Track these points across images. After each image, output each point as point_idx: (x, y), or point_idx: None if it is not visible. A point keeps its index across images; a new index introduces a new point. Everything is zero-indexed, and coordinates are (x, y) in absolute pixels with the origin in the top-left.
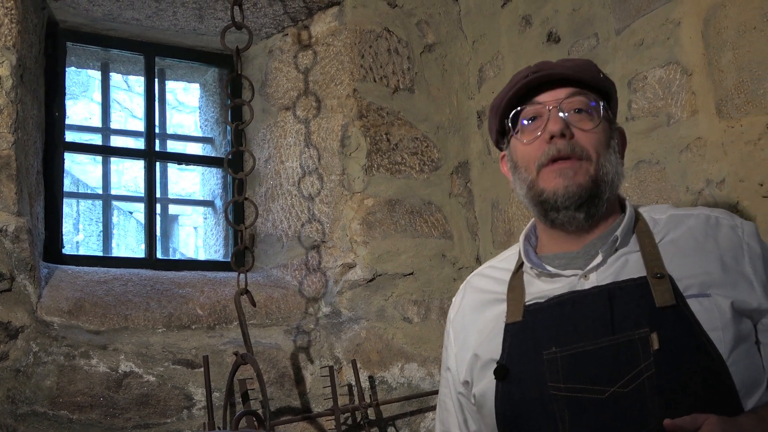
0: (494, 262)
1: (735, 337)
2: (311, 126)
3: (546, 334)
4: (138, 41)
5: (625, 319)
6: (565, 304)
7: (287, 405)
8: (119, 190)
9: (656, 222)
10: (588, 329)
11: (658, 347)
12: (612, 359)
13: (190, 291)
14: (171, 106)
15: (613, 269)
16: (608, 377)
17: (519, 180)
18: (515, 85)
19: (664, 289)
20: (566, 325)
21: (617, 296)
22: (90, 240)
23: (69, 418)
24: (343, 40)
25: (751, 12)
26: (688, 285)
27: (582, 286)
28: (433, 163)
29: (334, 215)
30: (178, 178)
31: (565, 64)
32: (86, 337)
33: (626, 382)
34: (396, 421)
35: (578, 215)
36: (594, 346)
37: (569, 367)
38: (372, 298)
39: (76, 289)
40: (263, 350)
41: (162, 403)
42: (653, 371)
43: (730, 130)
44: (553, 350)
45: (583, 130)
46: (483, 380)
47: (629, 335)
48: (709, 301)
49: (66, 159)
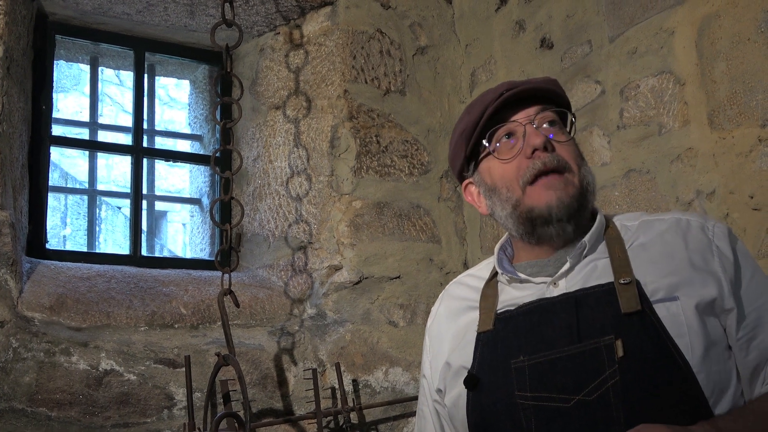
0: (472, 271)
1: (703, 342)
2: (301, 126)
3: (515, 342)
4: (128, 36)
5: (591, 326)
6: (533, 312)
7: (269, 407)
8: (108, 185)
9: (627, 228)
10: (555, 337)
11: (623, 354)
12: (578, 367)
13: (174, 289)
14: (163, 102)
15: (581, 276)
16: (574, 385)
17: (499, 201)
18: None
19: (630, 295)
20: (534, 333)
21: (584, 303)
22: (78, 234)
23: (47, 416)
24: (335, 40)
25: (746, 23)
26: (656, 289)
27: (551, 293)
28: (423, 167)
29: (322, 216)
30: (168, 174)
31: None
32: (67, 333)
33: (591, 390)
34: (379, 426)
35: (569, 227)
36: (561, 354)
37: (536, 375)
38: (358, 301)
39: (59, 284)
40: (246, 351)
41: (142, 402)
42: (618, 379)
43: (721, 141)
44: (521, 359)
45: (560, 142)
46: (455, 389)
47: (595, 342)
48: (676, 306)
49: (55, 153)
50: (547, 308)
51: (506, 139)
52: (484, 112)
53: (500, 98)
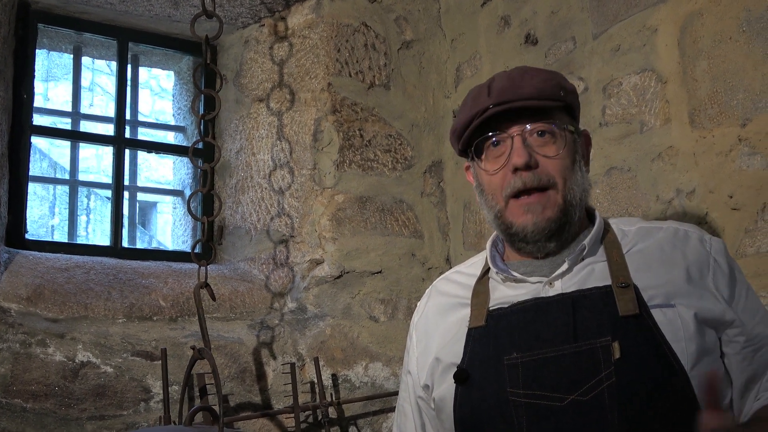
0: (461, 268)
1: (698, 349)
2: (284, 119)
3: (508, 339)
4: (111, 26)
5: (588, 327)
6: (528, 310)
7: (248, 401)
8: (98, 174)
9: (625, 233)
10: (550, 336)
11: (619, 356)
12: (573, 367)
13: (154, 281)
14: (154, 93)
15: (578, 278)
16: (568, 385)
17: (486, 205)
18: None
19: (628, 299)
20: (529, 331)
21: (581, 304)
22: (65, 224)
23: (22, 407)
24: (320, 33)
25: (728, 22)
26: (653, 295)
27: (546, 293)
28: (406, 161)
29: (304, 210)
30: (159, 166)
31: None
32: (44, 325)
33: (586, 390)
34: (358, 421)
35: (549, 245)
36: (555, 353)
37: (529, 373)
38: (339, 296)
39: (36, 275)
40: (225, 344)
41: (119, 394)
42: (614, 380)
43: (702, 141)
44: (514, 356)
45: (548, 156)
46: (443, 384)
47: (591, 343)
48: (673, 312)
49: (44, 142)
50: (542, 307)
51: (494, 147)
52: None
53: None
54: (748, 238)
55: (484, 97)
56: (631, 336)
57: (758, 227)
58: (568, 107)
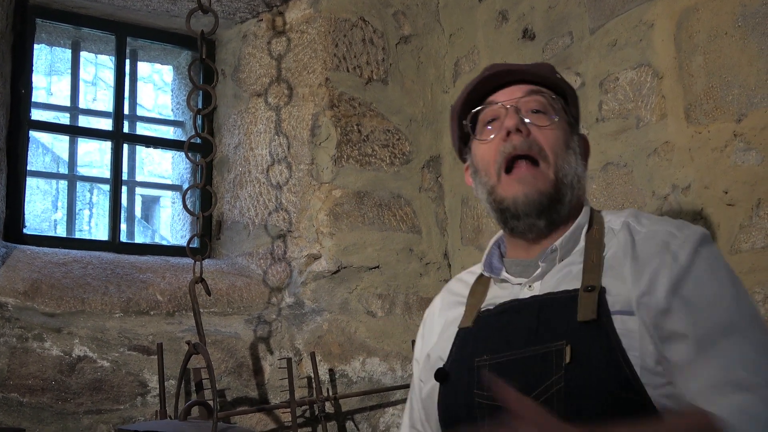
0: (474, 267)
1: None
2: (282, 114)
3: (484, 341)
4: (110, 20)
5: (547, 330)
6: (506, 312)
7: (244, 395)
8: (101, 168)
9: (613, 231)
10: (517, 338)
11: (570, 360)
12: (529, 370)
13: (151, 276)
14: (156, 87)
15: (555, 280)
16: (524, 388)
17: (480, 185)
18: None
19: (588, 303)
20: (502, 333)
21: (547, 307)
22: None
23: (19, 401)
24: (318, 27)
25: (724, 17)
26: (616, 301)
27: (524, 294)
28: (404, 156)
29: (302, 205)
30: (162, 160)
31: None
32: (41, 319)
33: (538, 394)
34: (355, 416)
35: (539, 222)
36: (517, 356)
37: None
38: (336, 291)
39: (34, 270)
40: (222, 339)
41: (116, 389)
42: (562, 385)
43: (697, 136)
44: (484, 358)
45: (540, 126)
46: (430, 381)
47: (547, 347)
48: (632, 320)
49: (48, 137)
50: (517, 309)
51: (490, 122)
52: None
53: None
54: (742, 234)
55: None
56: (586, 341)
57: (753, 223)
58: (564, 96)
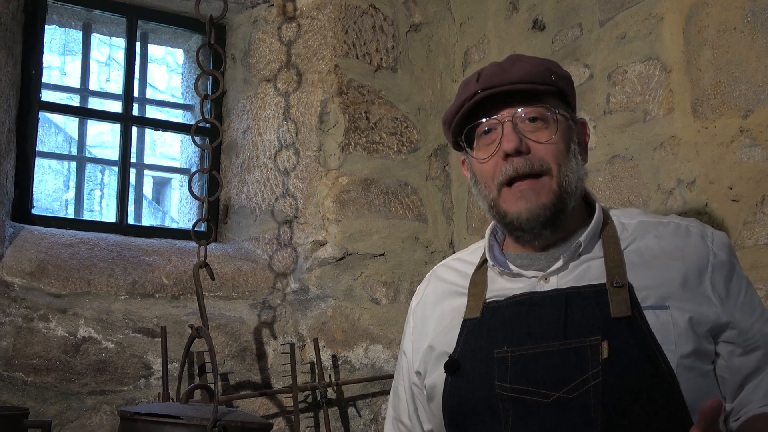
0: (462, 255)
1: (690, 353)
2: (291, 99)
3: (500, 333)
4: (121, 3)
5: (579, 325)
6: (522, 304)
7: (247, 379)
8: (113, 149)
9: (625, 227)
10: (541, 332)
11: (607, 356)
12: (561, 364)
13: (157, 259)
14: (170, 68)
15: (574, 274)
16: (555, 382)
17: (480, 194)
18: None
19: (621, 299)
20: (521, 325)
21: (574, 301)
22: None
23: (24, 381)
24: (328, 14)
25: (733, 12)
26: (647, 295)
27: (541, 288)
28: (412, 145)
29: (308, 191)
30: (173, 141)
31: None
32: (47, 299)
33: (572, 388)
34: (357, 402)
35: (545, 233)
36: (544, 349)
37: (518, 367)
38: (341, 277)
39: (41, 250)
40: (227, 323)
41: (120, 370)
42: (600, 380)
43: (704, 131)
44: (505, 350)
45: (540, 142)
46: (435, 372)
47: (581, 341)
48: (666, 314)
49: (61, 117)
50: (536, 302)
51: (485, 135)
52: (460, 109)
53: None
54: (746, 230)
55: (473, 84)
56: (621, 337)
57: (757, 219)
58: (562, 93)
